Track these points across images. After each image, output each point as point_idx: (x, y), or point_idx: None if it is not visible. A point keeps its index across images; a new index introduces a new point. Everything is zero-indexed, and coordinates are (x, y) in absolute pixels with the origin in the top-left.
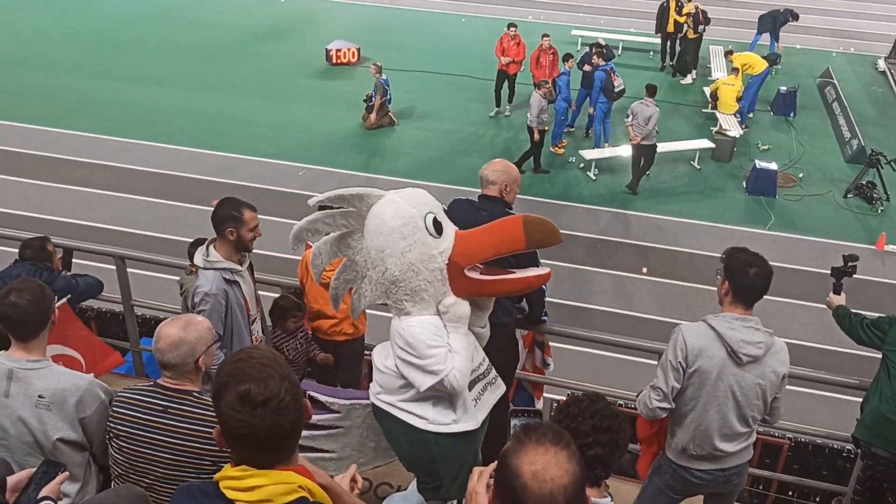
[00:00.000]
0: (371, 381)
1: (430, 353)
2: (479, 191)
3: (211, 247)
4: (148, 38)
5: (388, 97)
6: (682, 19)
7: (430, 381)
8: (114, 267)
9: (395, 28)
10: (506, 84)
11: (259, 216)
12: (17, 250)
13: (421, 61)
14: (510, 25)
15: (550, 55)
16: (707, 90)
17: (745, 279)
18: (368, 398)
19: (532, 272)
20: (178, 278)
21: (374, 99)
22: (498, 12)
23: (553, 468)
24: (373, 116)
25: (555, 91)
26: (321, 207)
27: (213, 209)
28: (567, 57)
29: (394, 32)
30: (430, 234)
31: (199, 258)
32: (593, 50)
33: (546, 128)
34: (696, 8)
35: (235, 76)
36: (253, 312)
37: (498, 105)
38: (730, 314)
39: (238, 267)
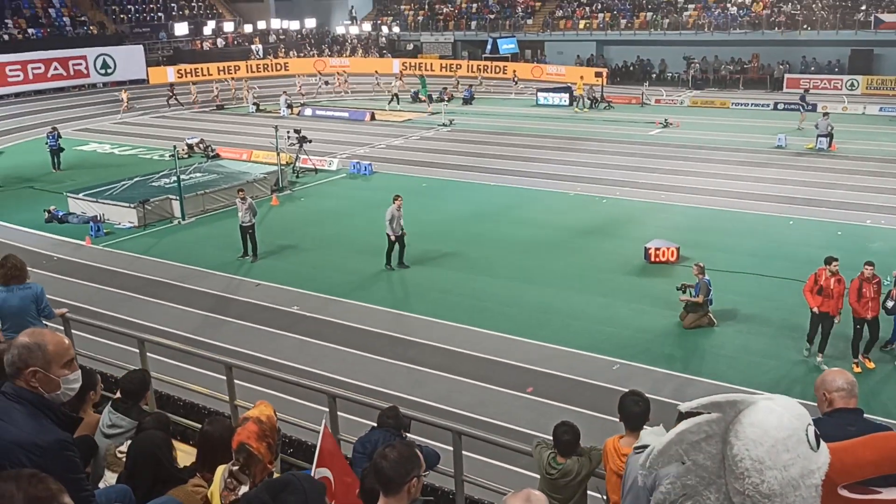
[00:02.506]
0: None
1: None
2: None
3: None
4: (481, 235)
5: (710, 298)
6: None
7: None
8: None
9: (717, 229)
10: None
11: (568, 406)
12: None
13: (744, 263)
14: (830, 260)
15: (874, 286)
16: None
17: None
18: None
19: None
20: None
21: (695, 295)
22: (829, 215)
23: None
24: (691, 316)
25: None
26: (686, 415)
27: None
28: None
29: (715, 233)
30: (811, 448)
31: None
32: None
33: None
34: None
35: (556, 270)
36: None
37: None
38: None
39: None
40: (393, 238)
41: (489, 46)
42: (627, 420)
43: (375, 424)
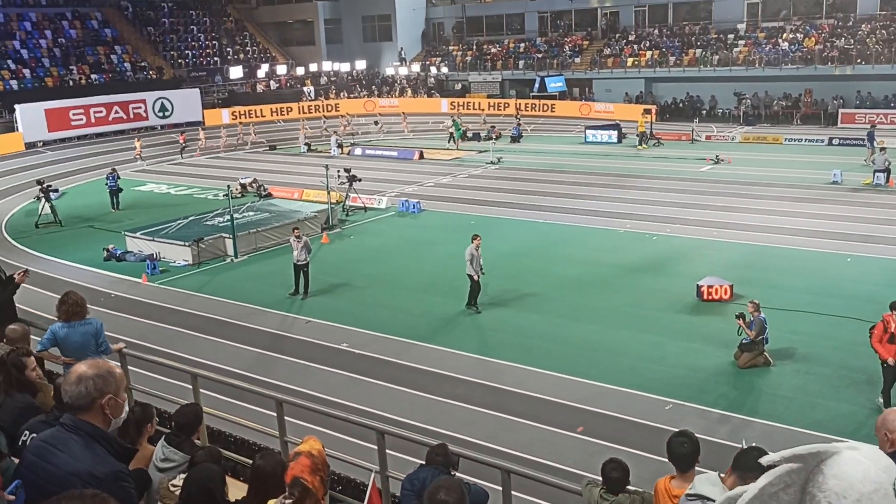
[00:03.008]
0: None
1: None
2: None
3: None
4: (529, 272)
5: (766, 336)
6: None
7: None
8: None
9: (771, 266)
10: None
11: (619, 447)
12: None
13: (800, 301)
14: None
15: None
16: None
17: None
18: None
19: None
20: None
21: (748, 333)
22: (888, 252)
23: None
24: (746, 355)
25: None
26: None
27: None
28: None
29: (769, 270)
30: None
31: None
32: None
33: None
34: None
35: (605, 307)
36: None
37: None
38: None
39: None
40: (476, 278)
41: (536, 85)
42: (676, 461)
43: (424, 462)
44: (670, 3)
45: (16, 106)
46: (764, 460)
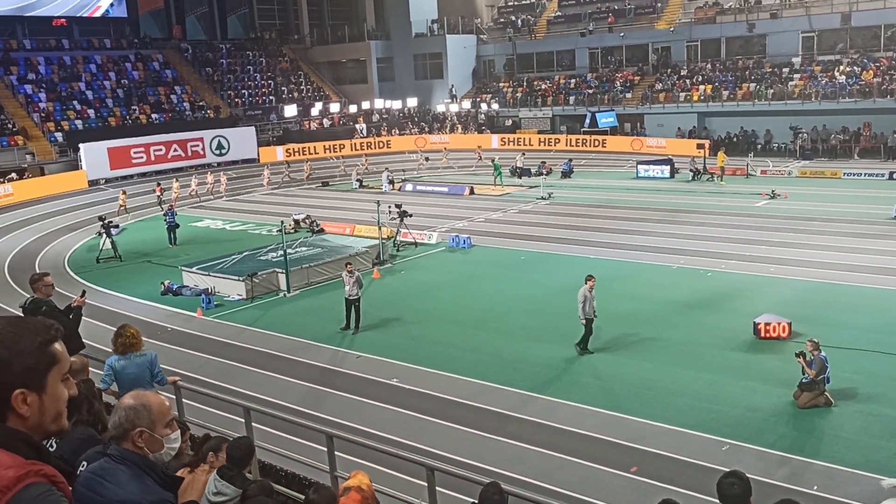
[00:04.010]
0: None
1: None
2: None
3: None
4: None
5: (827, 376)
6: None
7: None
8: None
9: (831, 303)
10: None
11: (674, 488)
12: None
13: (863, 339)
14: None
15: None
16: None
17: None
18: None
19: None
20: None
21: (808, 372)
22: None
23: None
24: (806, 395)
25: None
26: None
27: None
28: None
29: (829, 308)
30: None
31: None
32: None
33: None
34: None
35: (659, 345)
36: None
37: None
38: None
39: None
40: (584, 321)
41: (587, 120)
42: (726, 502)
43: (477, 501)
44: (723, 38)
45: (80, 145)
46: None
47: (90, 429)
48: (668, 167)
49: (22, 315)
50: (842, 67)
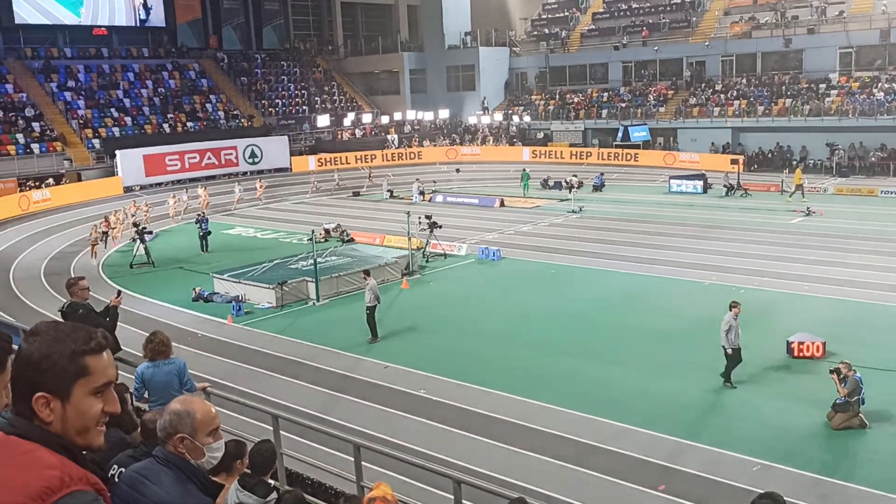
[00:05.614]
0: None
1: None
2: None
3: None
4: (610, 323)
5: (861, 397)
6: None
7: None
8: None
9: (867, 323)
10: None
11: None
12: None
13: None
14: None
15: None
16: None
17: None
18: None
19: None
20: None
21: (841, 391)
22: None
23: None
24: (840, 416)
25: None
26: None
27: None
28: None
29: (866, 328)
30: None
31: None
32: None
33: None
34: None
35: (690, 362)
36: None
37: None
38: None
39: None
40: (730, 351)
41: (620, 134)
42: None
43: None
44: (758, 53)
45: (116, 151)
46: None
47: (121, 431)
48: (701, 182)
49: (63, 320)
50: (880, 84)
